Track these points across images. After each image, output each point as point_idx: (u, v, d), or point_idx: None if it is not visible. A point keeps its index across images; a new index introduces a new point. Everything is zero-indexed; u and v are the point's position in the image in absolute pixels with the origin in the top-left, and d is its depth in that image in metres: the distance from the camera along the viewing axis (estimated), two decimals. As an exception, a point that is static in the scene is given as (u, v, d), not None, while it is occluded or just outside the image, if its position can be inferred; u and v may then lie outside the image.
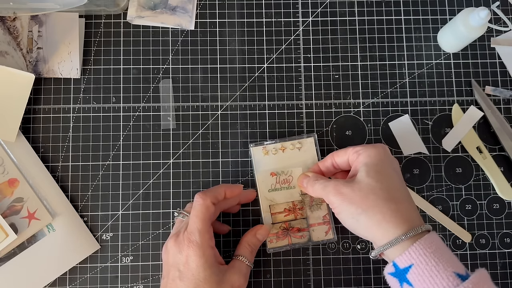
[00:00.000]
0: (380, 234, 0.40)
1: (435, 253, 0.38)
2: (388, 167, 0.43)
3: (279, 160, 0.50)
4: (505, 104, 0.54)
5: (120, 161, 0.52)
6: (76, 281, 0.50)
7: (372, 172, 0.42)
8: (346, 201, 0.41)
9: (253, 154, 0.50)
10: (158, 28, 0.54)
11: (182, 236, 0.42)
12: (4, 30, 0.51)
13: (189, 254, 0.41)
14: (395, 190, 0.42)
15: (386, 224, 0.40)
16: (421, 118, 0.54)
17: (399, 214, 0.40)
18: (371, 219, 0.40)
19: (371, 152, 0.43)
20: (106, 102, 0.53)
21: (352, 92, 0.54)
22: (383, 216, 0.40)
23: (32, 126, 0.52)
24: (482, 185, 0.53)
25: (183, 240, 0.42)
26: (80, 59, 0.53)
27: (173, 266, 0.42)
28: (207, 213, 0.43)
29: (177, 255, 0.42)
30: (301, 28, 0.55)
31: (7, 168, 0.49)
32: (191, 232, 0.42)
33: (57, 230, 0.49)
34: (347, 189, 0.42)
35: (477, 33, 0.49)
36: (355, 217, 0.41)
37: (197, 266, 0.41)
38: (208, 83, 0.54)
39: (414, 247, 0.38)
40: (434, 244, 0.38)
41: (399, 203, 0.41)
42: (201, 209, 0.43)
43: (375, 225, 0.40)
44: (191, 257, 0.41)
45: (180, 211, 0.47)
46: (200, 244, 0.41)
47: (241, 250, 0.46)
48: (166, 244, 0.44)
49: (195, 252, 0.41)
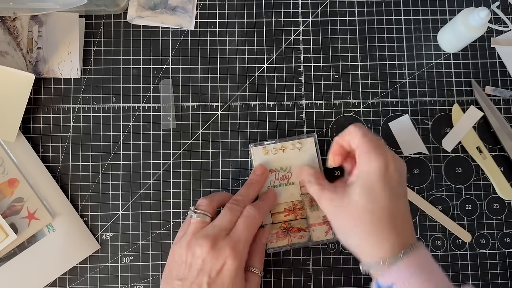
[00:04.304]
0: (367, 254, 0.40)
1: (417, 273, 0.37)
2: (387, 184, 0.40)
3: (279, 160, 0.50)
4: (505, 104, 0.54)
5: (120, 161, 0.52)
6: (76, 281, 0.50)
7: (365, 191, 0.40)
8: (336, 216, 0.42)
9: (253, 154, 0.50)
10: (158, 28, 0.54)
11: (223, 242, 0.41)
12: (4, 30, 0.51)
13: (227, 263, 0.40)
14: (390, 210, 0.40)
15: (374, 246, 0.40)
16: (421, 118, 0.54)
17: (390, 236, 0.39)
18: (358, 238, 0.40)
19: (371, 167, 0.40)
20: (106, 102, 0.53)
21: (352, 92, 0.54)
22: (372, 238, 0.40)
23: (32, 126, 0.52)
24: (482, 185, 0.53)
25: (224, 247, 0.40)
26: (80, 59, 0.53)
27: (203, 270, 0.40)
28: (256, 228, 0.43)
29: (213, 261, 0.40)
30: (301, 28, 0.55)
31: (7, 168, 0.49)
32: (238, 241, 0.41)
33: (57, 230, 0.49)
34: (339, 202, 0.41)
35: (477, 33, 0.49)
36: (344, 232, 0.41)
37: (230, 276, 0.40)
38: (208, 83, 0.54)
39: (396, 267, 0.38)
40: (419, 262, 0.38)
41: (392, 223, 0.40)
42: (254, 223, 0.43)
43: (361, 245, 0.40)
44: (228, 266, 0.40)
45: (197, 211, 0.44)
46: (241, 256, 0.41)
47: (251, 261, 0.45)
48: (194, 244, 0.41)
49: (233, 262, 0.40)
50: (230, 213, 0.43)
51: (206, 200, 0.45)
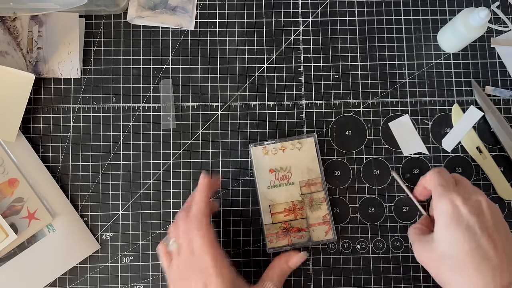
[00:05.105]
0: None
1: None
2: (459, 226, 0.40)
3: (279, 159, 0.50)
4: (505, 104, 0.54)
5: (120, 161, 0.52)
6: (76, 281, 0.50)
7: (444, 234, 0.41)
8: (424, 263, 0.44)
9: (253, 154, 0.50)
10: (158, 28, 0.54)
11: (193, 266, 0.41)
12: (4, 30, 0.51)
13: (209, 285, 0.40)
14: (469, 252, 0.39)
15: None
16: (421, 118, 0.54)
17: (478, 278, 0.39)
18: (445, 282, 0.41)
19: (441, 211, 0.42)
20: (106, 102, 0.53)
21: (352, 92, 0.54)
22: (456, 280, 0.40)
23: (32, 126, 0.52)
24: (482, 185, 0.53)
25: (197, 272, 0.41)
26: (80, 59, 0.53)
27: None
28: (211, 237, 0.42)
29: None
30: (301, 28, 0.55)
31: (7, 168, 0.49)
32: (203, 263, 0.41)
33: (57, 230, 0.49)
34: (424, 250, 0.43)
35: (477, 33, 0.49)
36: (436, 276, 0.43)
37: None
38: (208, 83, 0.54)
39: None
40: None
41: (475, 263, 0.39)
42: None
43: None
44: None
45: (168, 239, 0.44)
46: (217, 273, 0.40)
47: (271, 276, 0.45)
48: (172, 269, 0.42)
49: (214, 281, 0.40)
50: (181, 240, 0.42)
51: (173, 225, 0.45)
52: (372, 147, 0.53)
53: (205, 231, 0.41)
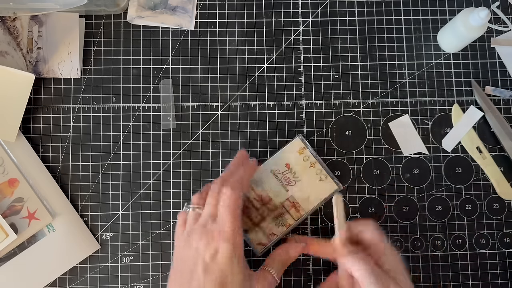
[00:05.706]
0: None
1: None
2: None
3: (303, 165, 0.49)
4: (505, 104, 0.54)
5: (120, 161, 0.52)
6: (76, 281, 0.50)
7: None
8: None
9: (293, 144, 0.50)
10: (158, 28, 0.54)
11: (210, 228, 0.41)
12: (4, 30, 0.51)
13: (220, 246, 0.40)
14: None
15: None
16: (421, 118, 0.54)
17: None
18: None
19: None
20: (106, 102, 0.53)
21: (352, 92, 0.54)
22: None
23: (32, 126, 0.52)
24: (482, 185, 0.53)
25: (212, 232, 0.40)
26: (80, 59, 0.53)
27: (198, 258, 0.40)
28: (235, 203, 0.42)
29: (205, 247, 0.40)
30: (301, 28, 0.55)
31: (7, 168, 0.49)
32: (223, 224, 0.40)
33: (57, 230, 0.49)
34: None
35: (477, 33, 0.49)
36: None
37: (225, 260, 0.39)
38: (208, 83, 0.54)
39: None
40: None
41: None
42: (230, 202, 0.41)
43: None
44: (222, 250, 0.40)
45: (190, 206, 0.44)
46: (233, 238, 0.40)
47: (270, 262, 0.45)
48: (182, 235, 0.42)
49: (225, 245, 0.39)
50: (211, 199, 0.43)
51: (197, 194, 0.45)
52: (372, 147, 0.53)
53: (235, 199, 0.41)
